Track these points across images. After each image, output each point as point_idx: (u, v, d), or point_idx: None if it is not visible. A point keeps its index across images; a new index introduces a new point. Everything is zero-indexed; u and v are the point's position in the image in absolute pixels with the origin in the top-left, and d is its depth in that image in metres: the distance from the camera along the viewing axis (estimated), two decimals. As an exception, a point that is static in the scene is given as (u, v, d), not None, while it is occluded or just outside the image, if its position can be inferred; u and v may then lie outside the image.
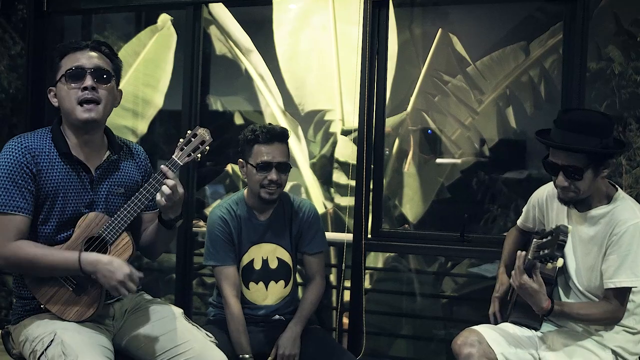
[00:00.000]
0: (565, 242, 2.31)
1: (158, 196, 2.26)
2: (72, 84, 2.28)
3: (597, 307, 2.45)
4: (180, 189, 2.29)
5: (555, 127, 2.46)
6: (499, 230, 2.96)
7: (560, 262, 2.31)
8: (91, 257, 2.23)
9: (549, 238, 2.37)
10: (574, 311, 2.47)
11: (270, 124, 3.03)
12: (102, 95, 2.31)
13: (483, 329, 2.53)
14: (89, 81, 2.27)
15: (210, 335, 2.46)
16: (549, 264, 2.34)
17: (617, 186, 2.54)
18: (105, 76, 2.32)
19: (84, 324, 2.28)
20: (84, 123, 2.30)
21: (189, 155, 2.32)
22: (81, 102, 2.28)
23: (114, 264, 2.21)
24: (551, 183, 2.57)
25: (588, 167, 2.38)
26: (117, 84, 2.41)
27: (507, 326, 2.61)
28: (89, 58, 2.31)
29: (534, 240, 2.49)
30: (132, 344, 2.40)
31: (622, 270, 2.38)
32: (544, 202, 2.71)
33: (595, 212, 2.48)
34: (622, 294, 2.41)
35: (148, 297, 2.57)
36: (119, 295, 2.25)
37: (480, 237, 3.57)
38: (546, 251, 2.32)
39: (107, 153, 2.42)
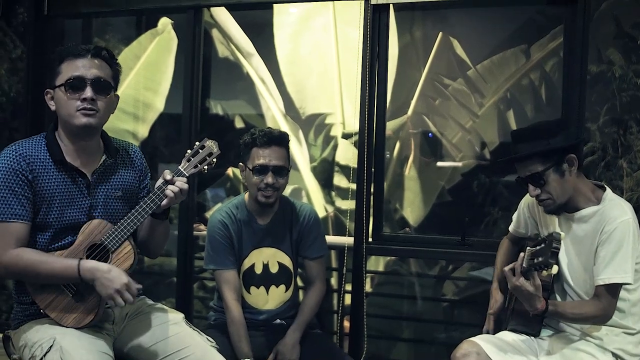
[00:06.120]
0: (559, 249, 2.33)
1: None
2: (72, 94, 2.27)
3: (589, 305, 2.45)
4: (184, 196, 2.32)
5: (512, 144, 2.54)
6: (500, 234, 2.96)
7: (554, 269, 2.31)
8: (90, 264, 2.22)
9: (542, 245, 2.38)
10: (568, 311, 2.47)
11: (269, 127, 3.03)
12: (101, 107, 2.31)
13: (482, 340, 2.53)
14: (88, 92, 2.27)
15: (212, 340, 2.46)
16: (544, 272, 2.35)
17: (605, 186, 2.54)
18: (104, 87, 2.32)
19: (83, 329, 2.27)
20: (81, 128, 2.29)
21: (195, 166, 2.32)
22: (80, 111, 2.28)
23: (112, 273, 2.20)
24: None
25: (547, 169, 2.43)
26: (115, 89, 2.40)
27: (506, 335, 2.61)
28: (90, 67, 2.29)
29: (528, 248, 2.49)
30: (132, 349, 2.39)
31: (612, 266, 2.39)
32: (534, 205, 2.71)
33: (584, 212, 2.49)
34: (612, 290, 2.40)
35: (149, 301, 2.56)
36: (115, 305, 2.23)
37: (481, 241, 3.56)
38: (540, 259, 2.32)
39: (104, 157, 2.41)
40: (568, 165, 2.44)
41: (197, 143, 2.35)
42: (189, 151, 2.34)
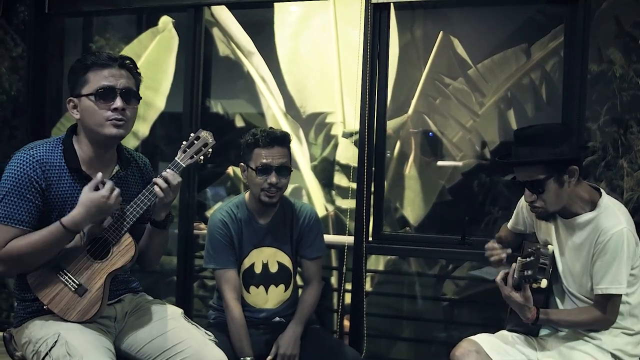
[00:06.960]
0: (547, 264, 2.37)
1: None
2: (102, 104, 2.27)
3: (585, 313, 2.47)
4: (176, 191, 2.32)
5: (514, 145, 2.50)
6: (500, 233, 2.98)
7: (544, 283, 2.36)
8: (68, 218, 2.20)
9: (532, 258, 2.40)
10: (562, 318, 2.50)
11: (271, 127, 3.03)
12: (129, 116, 2.32)
13: (481, 338, 2.54)
14: (119, 102, 2.28)
15: (210, 334, 2.46)
16: (534, 284, 2.38)
17: (601, 190, 2.53)
18: (133, 97, 2.34)
19: (87, 325, 2.28)
20: (110, 138, 2.30)
21: (191, 157, 2.35)
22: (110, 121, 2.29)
23: (91, 206, 2.19)
24: None
25: (549, 178, 2.40)
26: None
27: (506, 334, 2.62)
28: (119, 77, 2.30)
29: (519, 258, 2.50)
30: (131, 344, 2.40)
31: (608, 277, 2.39)
32: None
33: (580, 219, 2.48)
34: (611, 300, 2.42)
35: (148, 297, 2.57)
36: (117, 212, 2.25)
37: (481, 240, 3.54)
38: (529, 272, 2.36)
39: (116, 168, 2.42)
40: (569, 176, 2.43)
41: (192, 134, 2.37)
42: (184, 142, 2.36)
